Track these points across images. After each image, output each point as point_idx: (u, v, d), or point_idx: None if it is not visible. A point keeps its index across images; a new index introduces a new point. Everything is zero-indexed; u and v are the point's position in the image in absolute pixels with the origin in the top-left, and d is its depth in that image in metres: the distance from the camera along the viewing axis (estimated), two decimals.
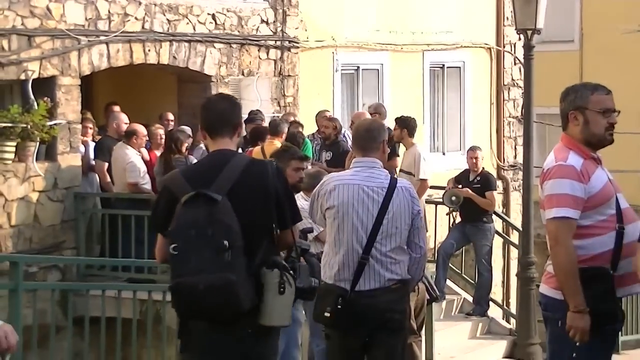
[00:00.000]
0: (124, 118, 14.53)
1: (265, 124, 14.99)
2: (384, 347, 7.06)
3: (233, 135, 5.96)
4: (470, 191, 14.68)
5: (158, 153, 14.42)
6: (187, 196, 5.59)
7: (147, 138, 14.38)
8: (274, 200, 5.74)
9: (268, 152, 13.53)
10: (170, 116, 15.38)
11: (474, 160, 15.26)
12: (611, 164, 6.85)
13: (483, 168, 15.39)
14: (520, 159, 18.55)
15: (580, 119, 6.04)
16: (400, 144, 14.88)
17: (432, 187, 15.49)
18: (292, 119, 15.53)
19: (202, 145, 14.62)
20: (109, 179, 14.32)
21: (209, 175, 5.71)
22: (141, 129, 14.17)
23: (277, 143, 13.53)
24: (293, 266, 5.76)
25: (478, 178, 14.92)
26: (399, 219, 7.01)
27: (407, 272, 7.08)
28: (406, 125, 14.70)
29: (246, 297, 5.52)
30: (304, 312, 9.31)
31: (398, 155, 14.84)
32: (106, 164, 14.28)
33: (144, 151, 14.25)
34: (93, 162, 14.63)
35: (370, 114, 15.65)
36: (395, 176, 10.15)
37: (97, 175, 14.56)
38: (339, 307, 6.92)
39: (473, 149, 15.61)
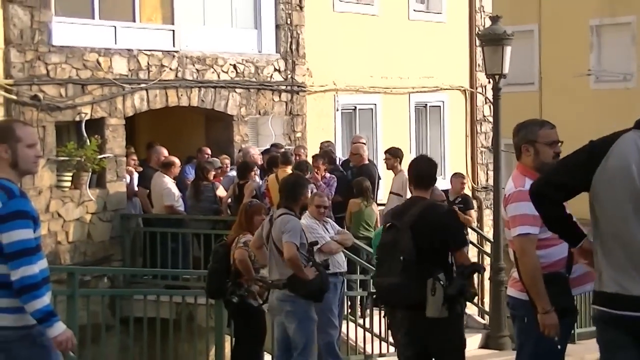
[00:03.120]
0: (163, 151, 14.55)
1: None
2: None
3: (428, 188, 7.17)
4: (457, 210, 14.68)
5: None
6: (387, 225, 7.21)
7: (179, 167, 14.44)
8: (442, 231, 6.88)
9: (281, 179, 13.53)
10: (208, 150, 15.31)
11: (462, 185, 15.29)
12: None
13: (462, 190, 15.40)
14: (491, 182, 18.52)
15: (531, 151, 6.04)
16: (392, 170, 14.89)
17: None
18: (302, 150, 15.52)
19: (230, 173, 14.59)
20: (149, 203, 14.34)
21: (402, 213, 7.05)
22: (176, 160, 14.18)
23: (288, 170, 13.52)
24: (461, 280, 6.82)
25: (459, 199, 14.86)
26: None
27: None
28: (397, 155, 14.71)
29: (413, 294, 6.73)
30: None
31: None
32: (147, 191, 14.30)
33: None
34: (136, 189, 14.64)
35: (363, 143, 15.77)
36: None
37: (139, 199, 14.58)
38: None
39: (462, 175, 15.65)
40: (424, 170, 7.22)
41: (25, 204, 5.14)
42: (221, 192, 14.00)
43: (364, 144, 15.78)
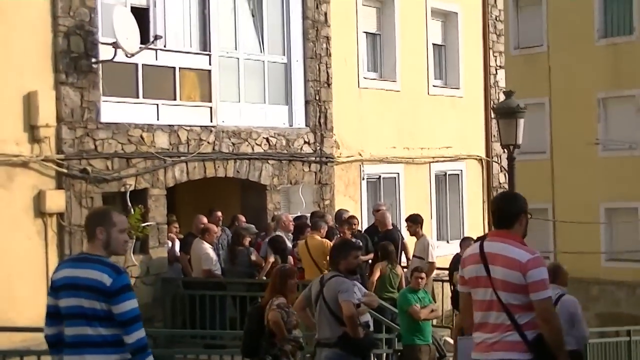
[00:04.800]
0: (202, 219, 14.51)
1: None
2: None
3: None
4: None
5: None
6: None
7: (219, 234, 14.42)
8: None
9: (310, 244, 13.45)
10: (243, 218, 15.26)
11: None
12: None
13: None
14: None
15: (523, 221, 5.82)
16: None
17: (438, 268, 15.34)
18: (329, 217, 15.44)
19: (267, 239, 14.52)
20: (189, 267, 14.28)
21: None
22: (213, 227, 14.14)
23: (317, 237, 13.44)
24: None
25: None
26: None
27: None
28: (418, 221, 14.63)
29: None
30: None
31: None
32: (188, 256, 14.25)
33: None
34: (177, 254, 14.59)
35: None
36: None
37: (181, 263, 14.51)
38: None
39: (471, 239, 15.47)
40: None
41: (128, 278, 5.75)
42: (255, 256, 13.92)
43: (385, 210, 15.70)
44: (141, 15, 13.90)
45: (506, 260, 5.60)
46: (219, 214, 14.89)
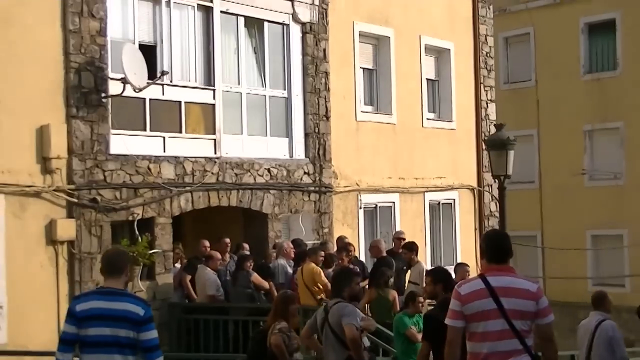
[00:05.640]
0: (205, 243, 14.61)
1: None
2: None
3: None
4: None
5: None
6: None
7: (223, 259, 14.41)
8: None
9: (305, 271, 13.43)
10: (246, 246, 15.26)
11: (466, 274, 15.07)
12: None
13: None
14: None
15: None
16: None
17: None
18: (330, 245, 15.46)
19: (273, 263, 14.46)
20: (192, 291, 14.23)
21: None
22: (216, 254, 14.14)
23: (312, 264, 13.41)
24: None
25: None
26: None
27: None
28: (413, 249, 14.65)
29: None
30: None
31: None
32: (189, 277, 14.22)
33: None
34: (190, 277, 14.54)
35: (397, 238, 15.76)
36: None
37: (182, 284, 14.43)
38: None
39: (466, 265, 15.47)
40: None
41: (151, 310, 6.34)
42: (255, 279, 13.88)
43: (381, 238, 15.76)
44: (149, 52, 13.98)
45: (519, 291, 5.83)
46: (227, 240, 14.92)
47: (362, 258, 16.59)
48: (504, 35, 31.17)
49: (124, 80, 13.10)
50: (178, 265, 14.74)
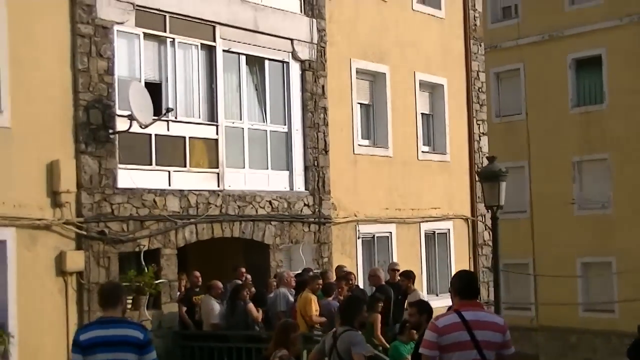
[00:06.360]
0: (196, 273, 14.66)
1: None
2: None
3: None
4: None
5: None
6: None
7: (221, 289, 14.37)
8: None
9: (300, 299, 13.32)
10: (243, 269, 15.17)
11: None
12: None
13: None
14: (492, 297, 18.30)
15: None
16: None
17: None
18: (330, 274, 15.41)
19: (271, 294, 14.42)
20: (187, 320, 14.18)
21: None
22: (217, 283, 14.11)
23: (307, 293, 13.33)
24: None
25: None
26: None
27: None
28: (410, 276, 14.64)
29: None
30: None
31: None
32: (185, 308, 14.23)
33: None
34: (186, 308, 14.53)
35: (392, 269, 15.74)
36: None
37: (179, 314, 14.36)
38: None
39: None
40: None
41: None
42: (250, 309, 13.81)
43: (379, 267, 15.72)
44: (154, 90, 14.05)
45: (489, 324, 6.22)
46: (243, 269, 15.02)
47: (360, 286, 16.55)
48: (495, 70, 31.33)
49: (131, 117, 13.15)
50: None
